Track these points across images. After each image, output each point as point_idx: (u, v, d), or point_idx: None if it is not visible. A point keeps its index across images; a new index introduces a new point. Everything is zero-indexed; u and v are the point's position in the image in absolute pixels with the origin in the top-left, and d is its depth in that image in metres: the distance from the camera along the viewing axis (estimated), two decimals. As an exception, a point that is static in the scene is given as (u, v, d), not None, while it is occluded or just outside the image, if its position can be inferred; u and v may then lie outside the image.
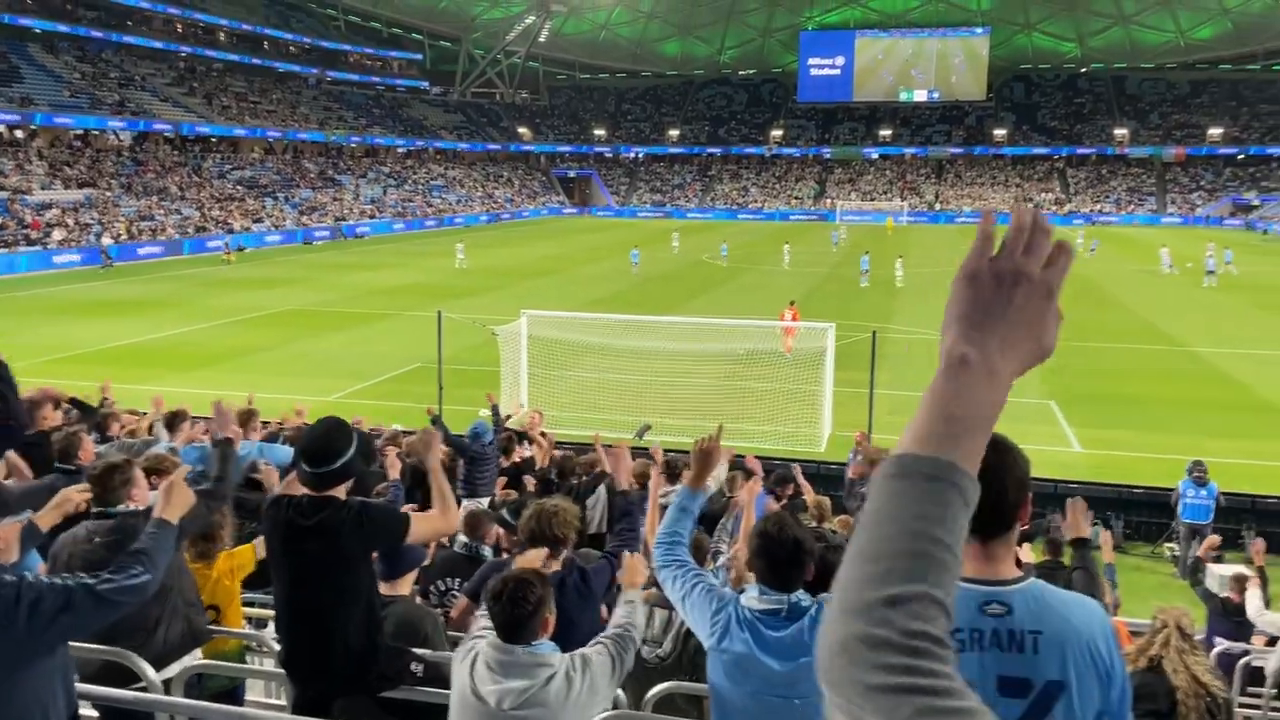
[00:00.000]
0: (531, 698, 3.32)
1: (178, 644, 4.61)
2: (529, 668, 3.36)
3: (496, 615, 3.41)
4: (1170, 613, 4.62)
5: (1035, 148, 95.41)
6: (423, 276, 43.48)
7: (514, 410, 15.82)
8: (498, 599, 3.41)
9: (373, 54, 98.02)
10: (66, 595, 3.10)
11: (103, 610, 3.20)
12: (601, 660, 3.51)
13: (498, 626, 3.43)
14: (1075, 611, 2.22)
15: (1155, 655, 4.40)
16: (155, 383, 21.19)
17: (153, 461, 5.69)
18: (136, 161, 62.86)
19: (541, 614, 3.44)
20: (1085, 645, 2.15)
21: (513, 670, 3.35)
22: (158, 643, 4.48)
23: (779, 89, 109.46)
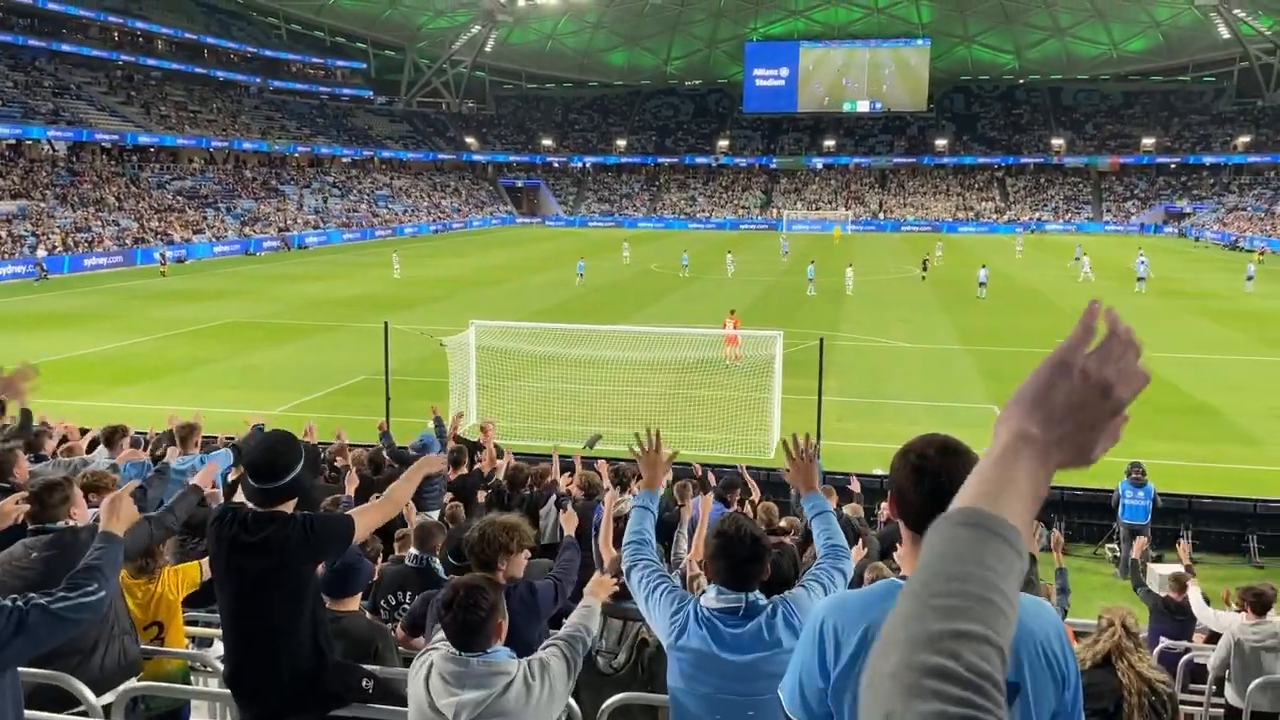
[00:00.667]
0: (490, 708, 3.28)
1: (115, 669, 4.48)
2: (484, 677, 3.32)
3: (449, 623, 3.37)
4: (1115, 612, 4.71)
5: (975, 157, 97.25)
6: (369, 287, 43.00)
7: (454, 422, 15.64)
8: (449, 607, 3.37)
9: (316, 63, 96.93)
10: (20, 617, 2.99)
11: (58, 630, 3.08)
12: (558, 663, 3.48)
13: (451, 635, 3.38)
14: (1030, 614, 2.24)
15: (1102, 654, 4.48)
16: (92, 398, 20.68)
17: (92, 479, 5.55)
18: (72, 172, 61.42)
19: (494, 620, 3.40)
20: (1040, 647, 2.18)
21: (468, 681, 3.31)
22: (94, 667, 4.35)
23: (725, 99, 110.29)
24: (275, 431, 4.31)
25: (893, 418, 20.25)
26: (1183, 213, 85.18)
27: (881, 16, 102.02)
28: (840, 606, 2.31)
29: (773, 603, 3.45)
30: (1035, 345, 27.81)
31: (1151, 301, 38.68)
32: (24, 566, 4.33)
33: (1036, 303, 38.59)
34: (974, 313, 35.54)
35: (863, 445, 17.58)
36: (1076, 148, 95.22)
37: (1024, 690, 2.14)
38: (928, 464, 2.27)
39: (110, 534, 3.46)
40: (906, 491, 2.29)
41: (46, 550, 4.37)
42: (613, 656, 4.90)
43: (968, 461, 2.30)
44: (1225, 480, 16.32)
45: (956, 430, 2.57)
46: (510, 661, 3.40)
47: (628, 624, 4.97)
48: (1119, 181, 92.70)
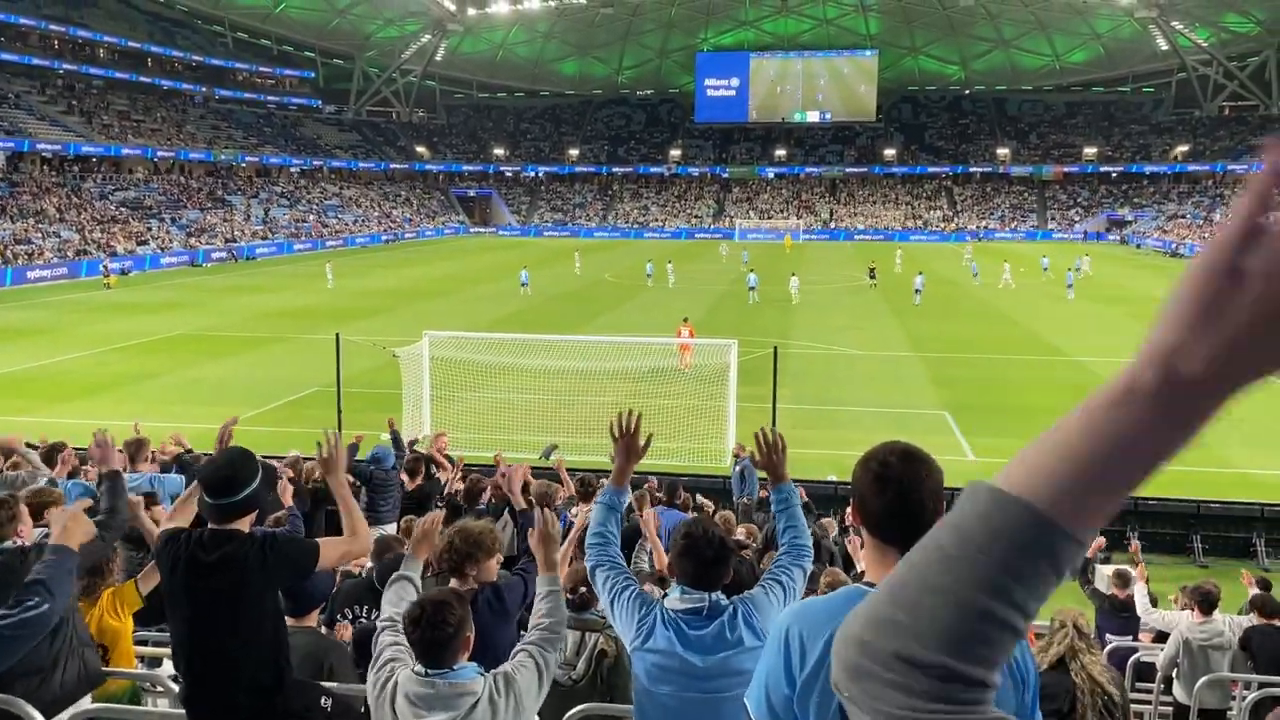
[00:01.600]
0: None
1: (74, 685, 4.36)
2: (451, 699, 3.30)
3: (416, 640, 3.34)
4: (1068, 613, 4.79)
5: (924, 167, 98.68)
6: (319, 299, 42.48)
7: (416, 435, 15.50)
8: (416, 623, 3.34)
9: (263, 71, 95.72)
10: None
11: (4, 649, 2.97)
12: (525, 674, 3.46)
13: (418, 651, 3.36)
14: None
15: (1056, 656, 4.55)
16: (32, 414, 20.18)
17: (36, 496, 5.41)
18: (11, 183, 60.00)
19: (462, 634, 3.39)
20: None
21: (435, 703, 3.29)
22: (54, 685, 4.23)
23: (677, 109, 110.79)
24: (232, 447, 4.24)
25: (846, 424, 20.44)
26: (1124, 220, 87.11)
27: (831, 28, 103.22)
28: (804, 614, 2.32)
29: (733, 603, 3.53)
30: (987, 352, 28.29)
31: (1089, 307, 39.47)
32: None
33: (985, 310, 39.19)
34: (924, 320, 36.00)
35: (817, 452, 17.71)
36: (1021, 157, 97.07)
37: (985, 693, 2.16)
38: (890, 471, 2.29)
39: (61, 547, 3.37)
40: (869, 499, 2.31)
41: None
42: (571, 668, 4.88)
43: (929, 469, 2.33)
44: (1169, 482, 16.67)
45: (909, 435, 2.61)
46: (476, 680, 3.38)
47: (586, 635, 4.96)
48: (1063, 190, 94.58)
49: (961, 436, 19.97)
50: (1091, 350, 29.20)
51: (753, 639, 3.41)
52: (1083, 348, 29.54)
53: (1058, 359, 28.33)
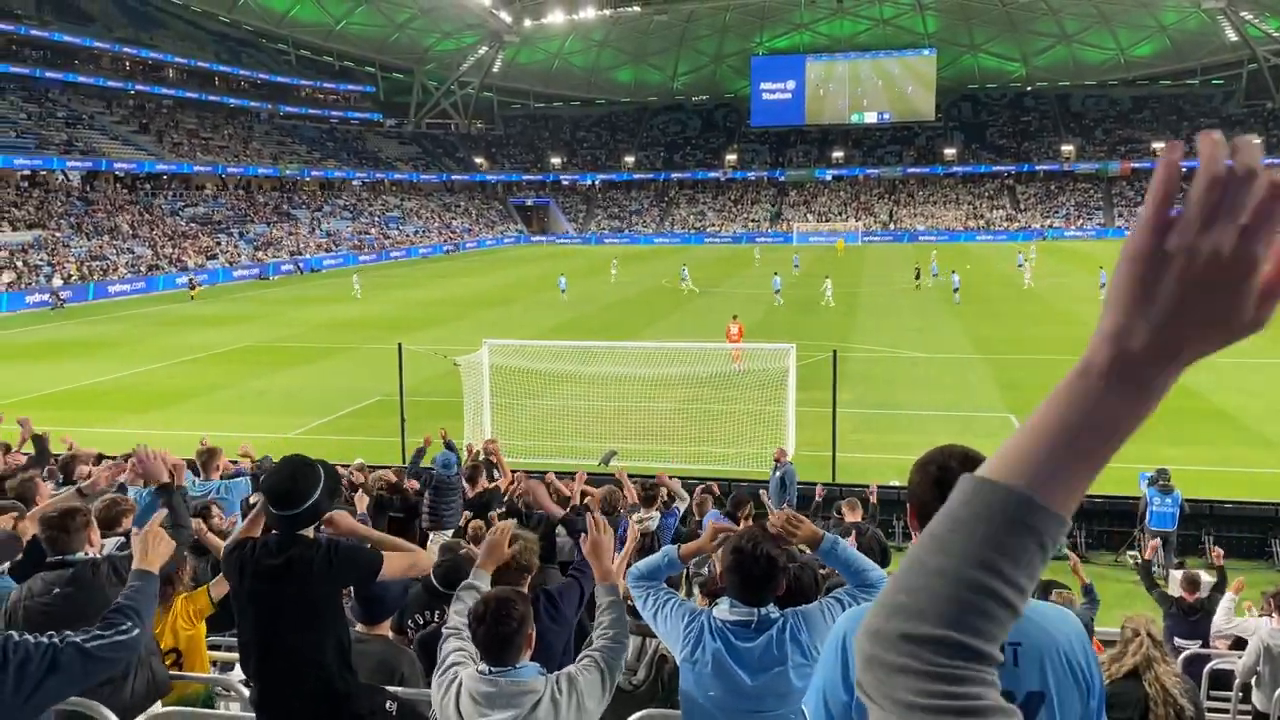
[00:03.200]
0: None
1: (143, 694, 4.49)
2: (514, 696, 3.33)
3: (480, 636, 3.38)
4: (1140, 622, 4.67)
5: (985, 165, 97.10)
6: (383, 309, 43.18)
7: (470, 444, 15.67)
8: (481, 620, 3.38)
9: (325, 87, 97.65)
10: (54, 655, 2.96)
11: (92, 669, 3.05)
12: (589, 677, 3.48)
13: (482, 648, 3.40)
14: (1053, 622, 2.23)
15: (1131, 666, 4.44)
16: (110, 425, 20.79)
17: (108, 504, 5.58)
18: (86, 201, 61.99)
19: (525, 632, 3.42)
20: (1064, 656, 2.17)
21: (498, 701, 3.32)
22: (125, 694, 4.36)
23: (732, 114, 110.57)
24: (294, 457, 4.33)
25: (908, 428, 20.19)
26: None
27: (887, 28, 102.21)
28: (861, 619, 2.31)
29: (784, 616, 3.48)
30: (1053, 353, 27.72)
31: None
32: (46, 602, 4.32)
33: (1050, 312, 38.45)
34: (987, 321, 35.42)
35: (878, 456, 17.53)
36: (1086, 153, 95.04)
37: (1049, 699, 2.13)
38: (949, 475, 2.25)
39: (145, 571, 3.46)
40: (929, 504, 2.28)
41: (67, 586, 4.37)
42: (632, 674, 4.89)
43: None
44: (1243, 484, 16.18)
45: (973, 439, 2.57)
46: (539, 679, 3.41)
47: (646, 640, 4.96)
48: (1130, 186, 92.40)
49: (1027, 439, 19.58)
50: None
51: (799, 657, 3.37)
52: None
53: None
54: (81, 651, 3.01)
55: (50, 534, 4.50)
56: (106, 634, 3.11)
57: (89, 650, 3.02)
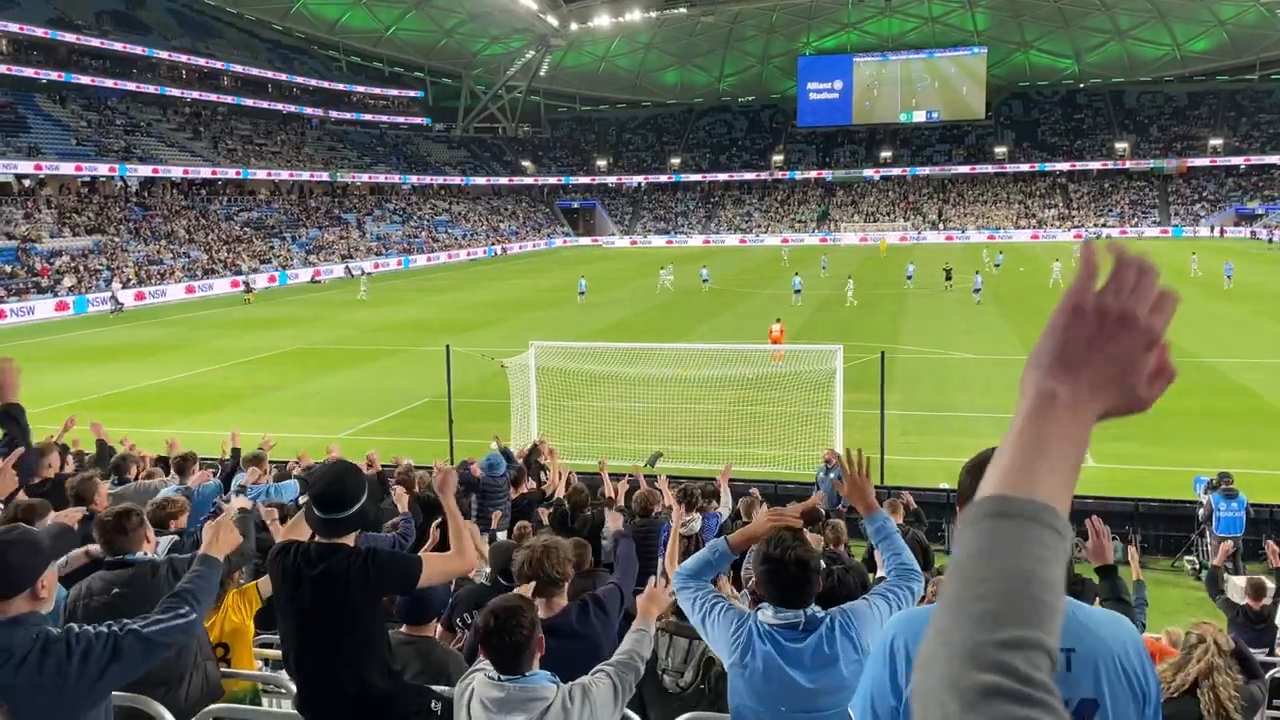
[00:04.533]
0: None
1: (198, 697, 4.56)
2: (523, 702, 3.35)
3: (489, 646, 3.40)
4: (1208, 629, 4.54)
5: (1037, 164, 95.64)
6: (431, 312, 43.62)
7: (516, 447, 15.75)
8: (489, 628, 3.40)
9: (375, 93, 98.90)
10: (115, 643, 3.04)
11: (151, 654, 3.13)
12: (602, 689, 3.48)
13: (492, 657, 3.42)
14: (1107, 628, 2.18)
15: (1194, 674, 4.30)
16: (167, 426, 21.21)
17: (161, 505, 5.68)
18: (144, 207, 63.39)
19: (534, 640, 3.43)
20: (1119, 662, 2.12)
21: (507, 706, 3.35)
22: (180, 696, 4.44)
23: (779, 114, 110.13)
24: (340, 463, 4.37)
25: (958, 430, 19.94)
26: (1254, 214, 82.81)
27: (936, 26, 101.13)
28: (910, 623, 2.27)
29: (830, 615, 3.43)
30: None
31: (1223, 306, 37.60)
32: (105, 601, 4.41)
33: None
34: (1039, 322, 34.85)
35: (928, 459, 17.34)
36: (1141, 151, 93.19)
37: (1103, 707, 2.08)
38: None
39: (209, 557, 3.53)
40: None
41: (126, 586, 4.45)
42: (679, 675, 4.88)
43: None
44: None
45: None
46: (549, 686, 3.42)
47: (694, 642, 4.94)
48: (1186, 184, 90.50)
49: (1080, 442, 19.21)
50: (1219, 351, 27.85)
51: (852, 651, 3.33)
52: (1211, 348, 28.17)
53: (1183, 360, 27.02)
54: (140, 637, 3.08)
55: (107, 535, 4.59)
56: (165, 618, 3.18)
57: (147, 635, 3.10)
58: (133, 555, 4.59)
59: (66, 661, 2.96)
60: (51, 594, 3.20)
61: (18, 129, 58.92)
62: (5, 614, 3.01)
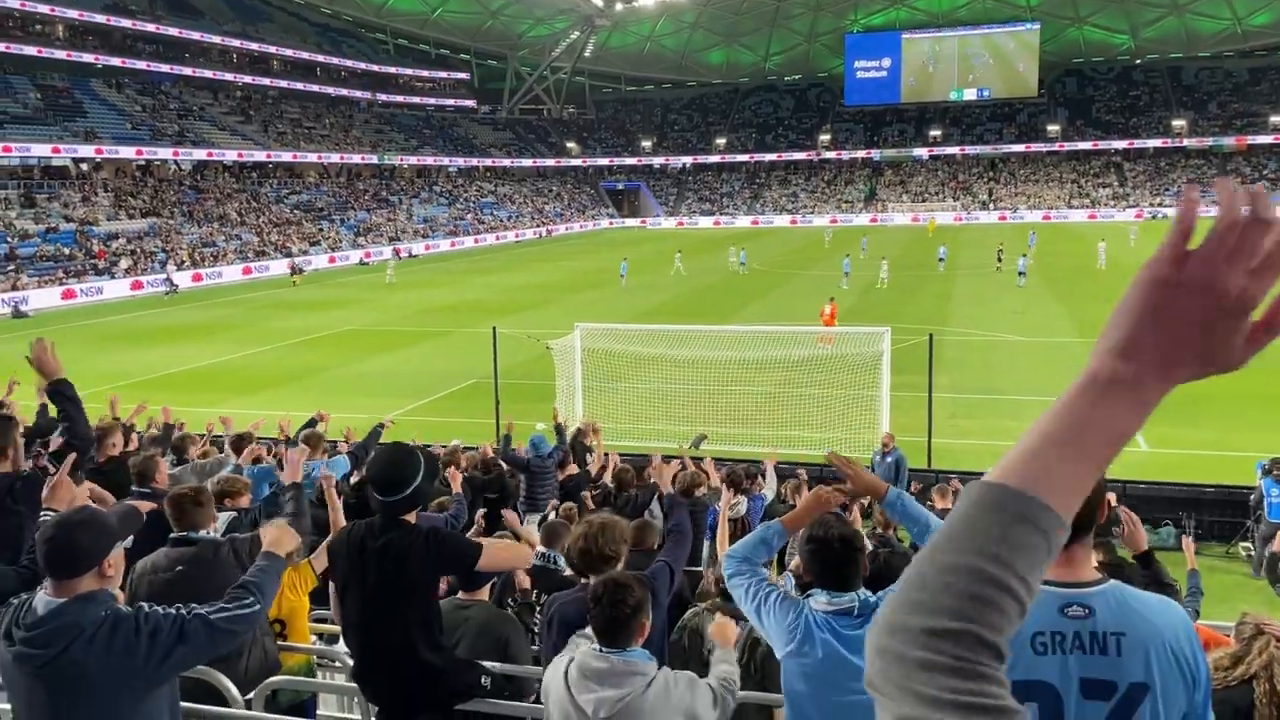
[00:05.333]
0: (629, 705, 3.33)
1: (257, 670, 4.70)
2: (624, 676, 3.37)
3: (596, 617, 3.44)
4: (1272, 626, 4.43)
5: (1091, 142, 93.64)
6: (477, 293, 43.93)
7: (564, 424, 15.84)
8: (598, 601, 3.44)
9: (422, 75, 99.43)
10: (182, 625, 3.15)
11: (217, 641, 3.24)
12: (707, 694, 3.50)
13: (597, 629, 3.45)
14: (1158, 613, 2.18)
15: (1257, 667, 4.21)
16: (221, 406, 21.63)
17: (225, 484, 5.83)
18: (197, 190, 64.45)
19: (639, 618, 3.45)
20: (1169, 647, 2.12)
21: (608, 678, 3.37)
22: (240, 670, 4.58)
23: (826, 93, 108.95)
24: (396, 445, 4.47)
25: (1007, 413, 19.71)
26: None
27: (987, 1, 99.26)
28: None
29: (880, 598, 3.38)
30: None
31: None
32: (168, 577, 4.56)
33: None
34: (1092, 303, 34.29)
35: (976, 442, 17.18)
36: (1199, 129, 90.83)
37: (1153, 691, 2.09)
38: None
39: (273, 554, 3.66)
40: None
41: (189, 564, 4.60)
42: (725, 655, 4.91)
43: None
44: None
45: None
46: (651, 663, 3.44)
47: (739, 623, 4.97)
48: (1246, 162, 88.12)
49: (1134, 426, 18.89)
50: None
51: None
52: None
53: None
54: (206, 623, 3.19)
55: (175, 512, 4.75)
56: (230, 607, 3.29)
57: (213, 622, 3.20)
58: (196, 533, 4.74)
59: (135, 639, 3.06)
60: (119, 573, 3.30)
61: (74, 113, 60.13)
62: (75, 592, 3.11)
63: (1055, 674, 2.12)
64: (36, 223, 50.83)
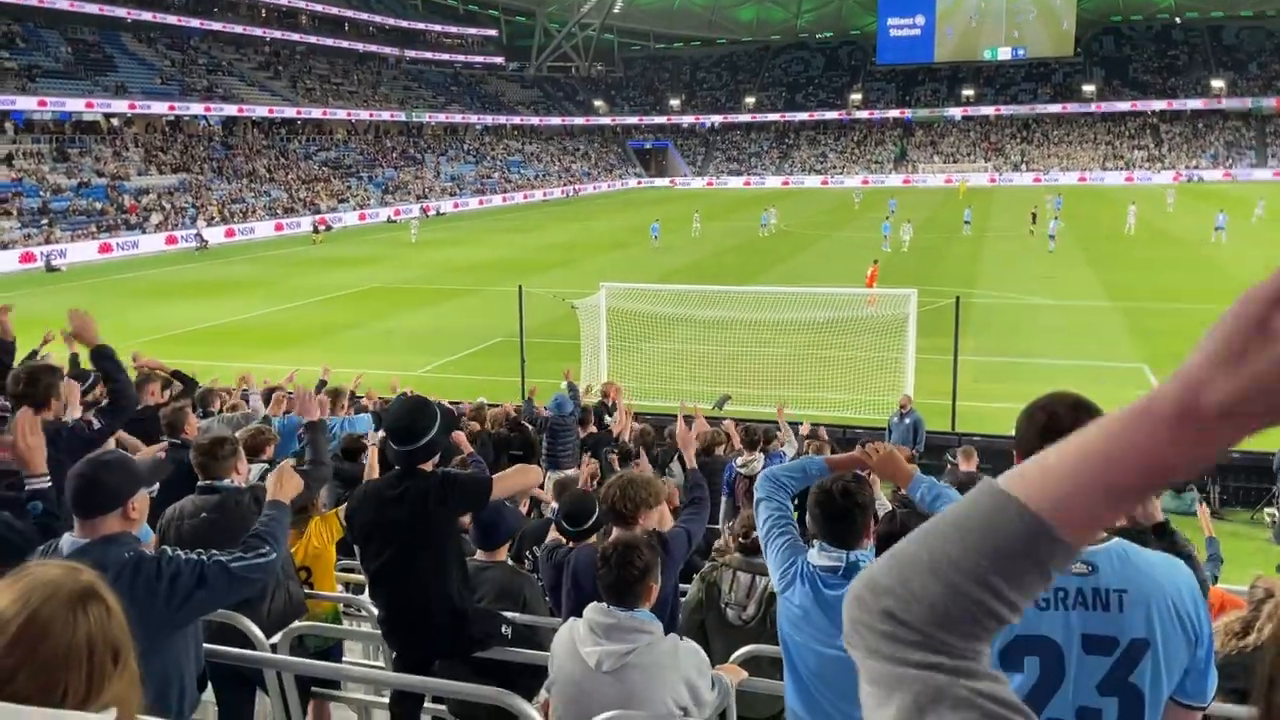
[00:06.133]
0: (631, 660, 3.39)
1: (281, 613, 4.83)
2: (631, 632, 3.42)
3: (604, 576, 3.49)
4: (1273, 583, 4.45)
5: (1128, 103, 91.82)
6: (503, 252, 43.98)
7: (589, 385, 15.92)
8: (606, 561, 3.49)
9: (450, 31, 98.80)
10: (201, 570, 3.25)
11: (235, 587, 3.35)
12: (707, 672, 3.59)
13: (605, 588, 3.50)
14: (1161, 570, 2.21)
15: (1268, 632, 4.22)
16: (248, 360, 21.88)
17: (253, 434, 5.95)
18: (226, 146, 64.67)
19: (647, 580, 3.50)
20: (1171, 604, 2.15)
21: (614, 633, 3.43)
22: (263, 612, 4.70)
23: (857, 51, 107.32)
24: (413, 397, 4.57)
25: (1033, 377, 19.57)
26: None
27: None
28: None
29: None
30: (1192, 302, 26.42)
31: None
32: (194, 525, 4.70)
33: (1191, 258, 36.49)
34: (1123, 269, 33.87)
35: (1000, 406, 17.09)
36: (1239, 89, 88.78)
37: (1154, 646, 2.12)
38: (1058, 423, 2.17)
39: (278, 502, 3.75)
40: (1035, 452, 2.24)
41: (214, 511, 4.73)
42: (742, 609, 4.98)
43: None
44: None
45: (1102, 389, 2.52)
46: (657, 625, 3.49)
47: (756, 578, 5.03)
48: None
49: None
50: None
51: None
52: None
53: None
54: (225, 569, 3.29)
55: (201, 460, 4.87)
56: (247, 555, 3.39)
57: (232, 570, 3.31)
58: (221, 482, 4.86)
59: (156, 581, 3.15)
60: (142, 516, 3.40)
61: (104, 68, 60.34)
62: (99, 532, 3.21)
63: (1058, 629, 2.15)
64: (69, 177, 51.25)
